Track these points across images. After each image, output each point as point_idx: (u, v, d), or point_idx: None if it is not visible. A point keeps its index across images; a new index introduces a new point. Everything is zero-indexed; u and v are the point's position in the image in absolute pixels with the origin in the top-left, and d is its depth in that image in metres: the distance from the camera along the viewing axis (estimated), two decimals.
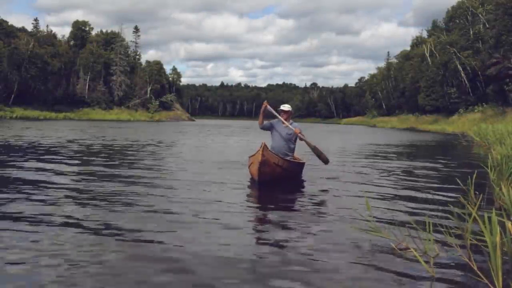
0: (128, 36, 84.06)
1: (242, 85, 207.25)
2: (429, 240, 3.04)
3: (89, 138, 17.05)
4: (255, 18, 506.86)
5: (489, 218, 2.64)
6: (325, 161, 7.27)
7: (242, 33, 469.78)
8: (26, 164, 7.89)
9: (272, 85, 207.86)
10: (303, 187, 6.50)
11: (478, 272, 2.62)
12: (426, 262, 2.85)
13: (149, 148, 13.06)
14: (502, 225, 2.81)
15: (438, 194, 5.83)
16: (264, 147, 5.88)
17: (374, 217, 3.87)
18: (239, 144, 16.79)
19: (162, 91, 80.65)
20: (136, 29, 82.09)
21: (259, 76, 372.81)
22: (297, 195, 5.92)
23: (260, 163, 5.80)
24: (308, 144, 7.00)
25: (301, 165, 7.12)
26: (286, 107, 7.15)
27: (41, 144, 12.93)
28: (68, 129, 25.66)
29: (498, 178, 5.28)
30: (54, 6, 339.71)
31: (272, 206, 5.07)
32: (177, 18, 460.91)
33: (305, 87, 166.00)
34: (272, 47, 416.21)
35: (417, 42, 72.70)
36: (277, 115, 7.00)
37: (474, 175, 5.07)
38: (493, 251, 2.44)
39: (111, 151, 11.59)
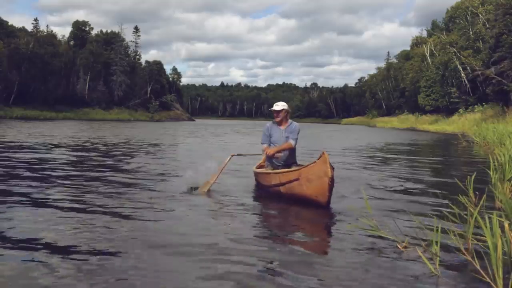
0: (128, 36, 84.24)
1: (242, 85, 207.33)
2: (432, 239, 3.05)
3: (112, 136, 17.50)
4: (257, 18, 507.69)
5: (490, 219, 2.65)
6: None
7: (243, 33, 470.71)
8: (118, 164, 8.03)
9: (272, 85, 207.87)
10: None
11: (474, 274, 2.63)
12: (430, 262, 2.85)
13: (170, 146, 13.71)
14: (502, 226, 2.82)
15: (438, 194, 5.84)
16: (327, 156, 4.54)
17: (375, 216, 3.87)
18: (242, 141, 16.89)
19: (162, 91, 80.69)
20: (136, 29, 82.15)
21: (260, 76, 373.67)
22: None
23: (331, 179, 4.50)
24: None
25: None
26: (279, 105, 5.87)
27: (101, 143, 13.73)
28: (87, 128, 25.84)
29: (499, 179, 5.29)
30: (57, 6, 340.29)
31: (271, 205, 5.07)
32: (179, 18, 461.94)
33: (305, 87, 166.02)
34: (274, 47, 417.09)
35: (417, 42, 72.70)
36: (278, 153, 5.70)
37: (474, 176, 5.08)
38: (493, 251, 2.44)
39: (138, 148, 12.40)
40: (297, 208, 4.82)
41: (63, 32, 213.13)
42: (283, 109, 5.78)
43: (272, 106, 5.92)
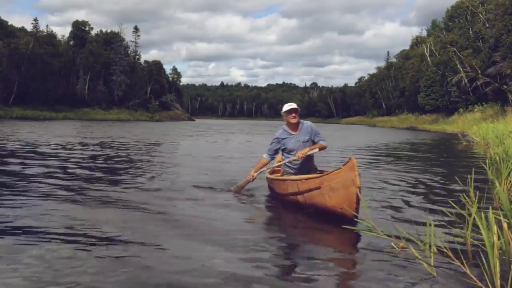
0: (128, 36, 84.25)
1: (242, 84, 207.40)
2: (429, 238, 3.03)
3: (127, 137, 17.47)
4: (258, 18, 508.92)
5: (487, 218, 2.63)
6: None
7: (244, 33, 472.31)
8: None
9: (272, 84, 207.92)
10: None
11: (472, 275, 2.62)
12: (426, 261, 2.83)
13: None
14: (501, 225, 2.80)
15: (437, 193, 5.83)
16: (355, 162, 3.95)
17: (372, 216, 3.86)
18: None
19: (162, 91, 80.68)
20: (136, 29, 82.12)
21: (260, 76, 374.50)
22: None
23: (359, 189, 3.93)
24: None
25: None
26: (293, 104, 5.24)
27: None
28: (93, 128, 25.85)
29: (496, 178, 5.28)
30: (58, 6, 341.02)
31: (268, 205, 5.06)
32: (180, 18, 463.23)
33: (305, 87, 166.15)
34: (274, 46, 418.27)
35: (417, 42, 72.64)
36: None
37: (473, 175, 5.07)
38: (490, 250, 2.43)
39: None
40: (292, 206, 4.79)
41: (64, 32, 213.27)
42: (299, 109, 5.21)
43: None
